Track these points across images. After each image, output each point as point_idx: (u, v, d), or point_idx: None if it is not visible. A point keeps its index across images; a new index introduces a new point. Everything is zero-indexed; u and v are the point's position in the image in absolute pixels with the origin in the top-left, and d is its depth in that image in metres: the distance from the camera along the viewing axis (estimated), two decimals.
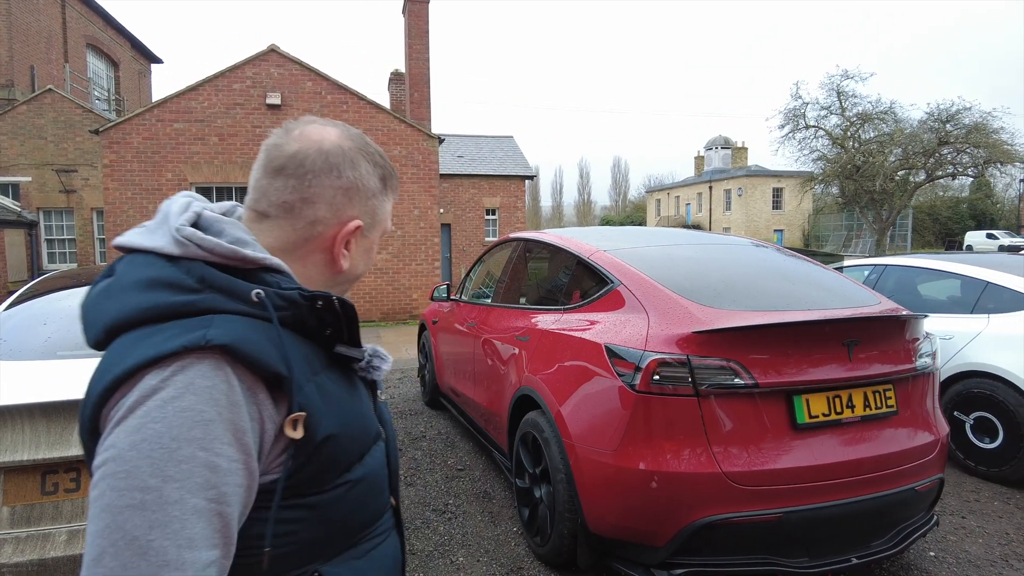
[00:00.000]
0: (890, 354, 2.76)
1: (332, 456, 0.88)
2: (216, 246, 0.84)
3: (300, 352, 0.87)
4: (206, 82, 12.36)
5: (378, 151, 1.01)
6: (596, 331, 2.93)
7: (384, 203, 1.02)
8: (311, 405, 0.84)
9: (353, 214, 0.95)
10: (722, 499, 2.44)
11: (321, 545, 0.90)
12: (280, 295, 0.85)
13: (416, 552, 3.29)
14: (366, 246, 1.01)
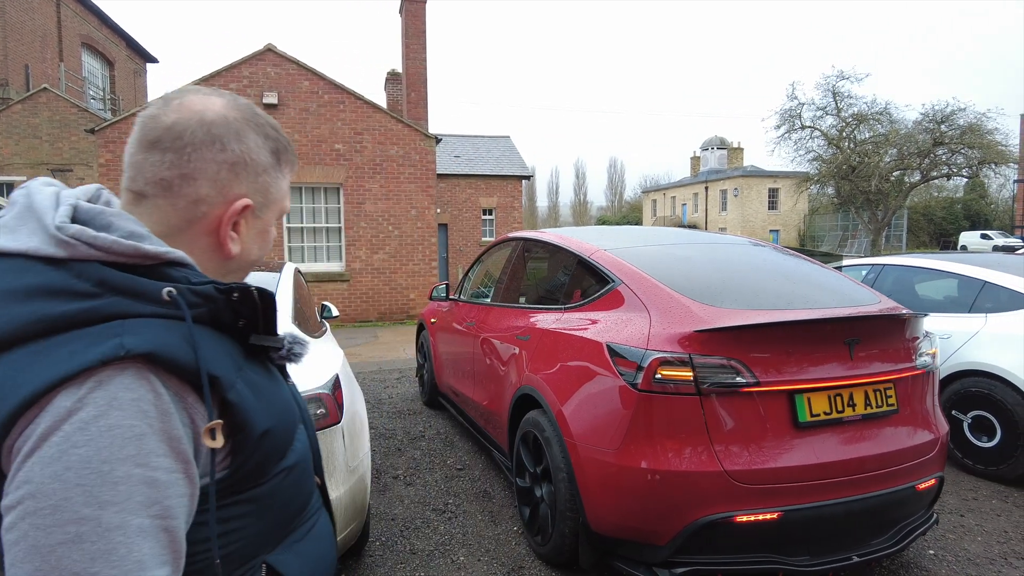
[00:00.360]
0: (890, 353, 2.77)
1: (270, 448, 0.85)
2: (113, 244, 0.75)
3: (222, 349, 0.82)
4: (202, 82, 12.30)
5: (270, 122, 0.92)
6: (597, 330, 2.93)
7: (278, 179, 0.93)
8: (245, 402, 0.81)
9: (241, 192, 0.87)
10: (724, 498, 2.44)
11: (265, 536, 0.88)
12: (194, 291, 0.78)
13: (417, 552, 3.28)
14: (259, 228, 0.92)
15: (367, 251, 13.21)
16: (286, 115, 12.58)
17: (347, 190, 12.97)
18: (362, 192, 13.08)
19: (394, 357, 9.08)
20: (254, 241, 0.92)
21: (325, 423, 2.52)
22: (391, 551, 3.29)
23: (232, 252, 0.88)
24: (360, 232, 13.14)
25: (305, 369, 2.61)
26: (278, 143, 0.93)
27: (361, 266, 13.19)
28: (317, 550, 0.99)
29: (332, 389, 2.61)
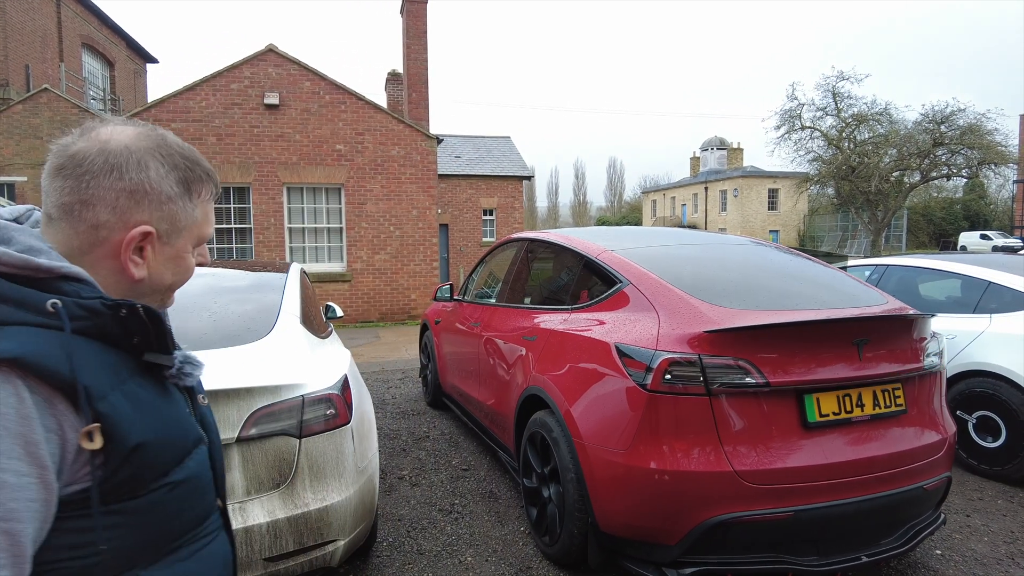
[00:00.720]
0: (898, 353, 2.77)
1: (146, 462, 0.87)
2: (3, 255, 0.81)
3: (103, 361, 0.85)
4: (203, 82, 12.32)
5: (183, 153, 0.95)
6: (605, 330, 2.93)
7: (187, 208, 0.96)
8: (117, 414, 0.83)
9: (142, 219, 0.90)
10: (734, 498, 2.44)
11: (141, 550, 0.89)
12: (80, 305, 0.83)
13: (424, 552, 3.28)
14: (170, 254, 0.95)
15: (368, 251, 13.21)
16: (287, 115, 12.58)
17: (348, 190, 12.97)
18: (363, 192, 13.08)
19: (396, 357, 9.08)
20: (164, 267, 0.95)
21: (335, 423, 2.52)
22: (398, 551, 3.30)
23: (136, 276, 0.92)
24: (361, 232, 13.14)
25: (315, 369, 2.62)
26: (190, 173, 0.95)
27: (362, 266, 13.19)
28: (202, 571, 0.99)
29: (341, 389, 2.61)
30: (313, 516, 2.41)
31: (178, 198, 0.94)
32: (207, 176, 0.99)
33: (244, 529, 2.28)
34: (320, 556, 2.49)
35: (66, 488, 0.80)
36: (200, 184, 0.98)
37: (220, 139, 12.38)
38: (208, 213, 1.01)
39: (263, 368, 2.48)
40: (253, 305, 3.00)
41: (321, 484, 2.46)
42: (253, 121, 12.50)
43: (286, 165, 12.65)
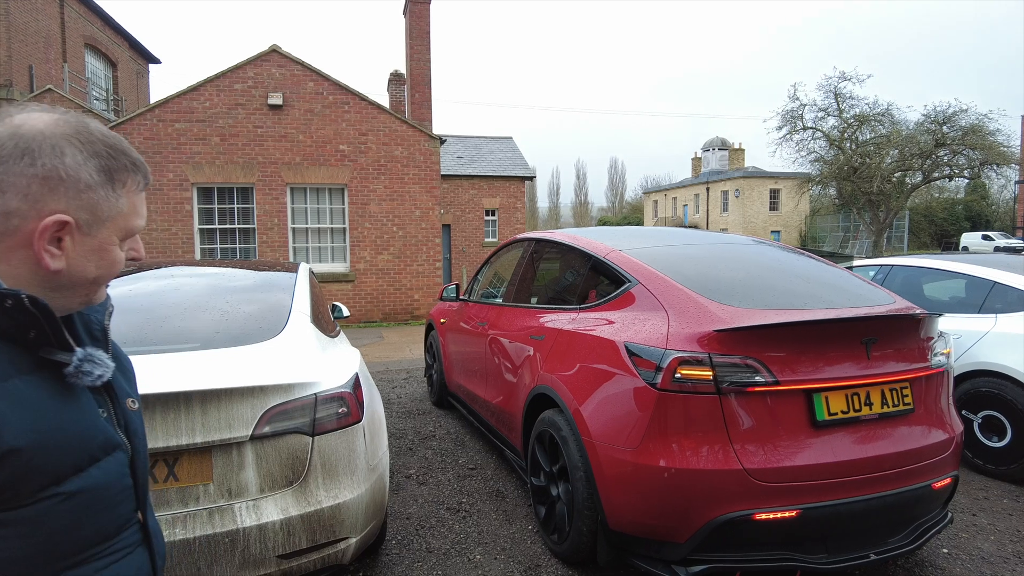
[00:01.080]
0: (906, 352, 2.78)
1: (26, 467, 0.81)
2: None
3: None
4: (207, 82, 12.34)
5: (105, 141, 0.90)
6: (615, 330, 2.94)
7: (110, 198, 0.90)
8: None
9: (57, 207, 0.85)
10: (743, 496, 2.46)
11: (31, 565, 0.84)
12: None
13: (433, 550, 3.30)
14: (92, 246, 0.90)
15: (372, 252, 13.23)
16: (291, 116, 12.61)
17: (352, 191, 12.99)
18: (367, 193, 13.10)
19: (400, 357, 9.10)
20: (86, 259, 0.90)
21: (347, 422, 2.54)
22: (408, 549, 3.31)
23: (52, 267, 0.87)
24: (364, 233, 13.16)
25: (327, 368, 2.63)
26: (113, 161, 0.90)
27: (365, 266, 13.21)
28: None
29: (353, 388, 2.63)
30: (326, 514, 2.43)
31: (99, 187, 0.89)
32: (133, 166, 0.94)
33: (258, 527, 2.30)
34: (332, 554, 2.50)
35: None
36: (125, 173, 0.92)
37: (224, 139, 12.40)
38: (137, 205, 0.95)
39: (276, 367, 2.49)
40: (264, 304, 3.02)
41: (334, 482, 2.48)
42: (257, 121, 12.53)
43: (290, 165, 12.67)
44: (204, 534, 2.23)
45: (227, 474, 2.31)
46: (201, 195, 12.48)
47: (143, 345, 2.53)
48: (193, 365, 2.41)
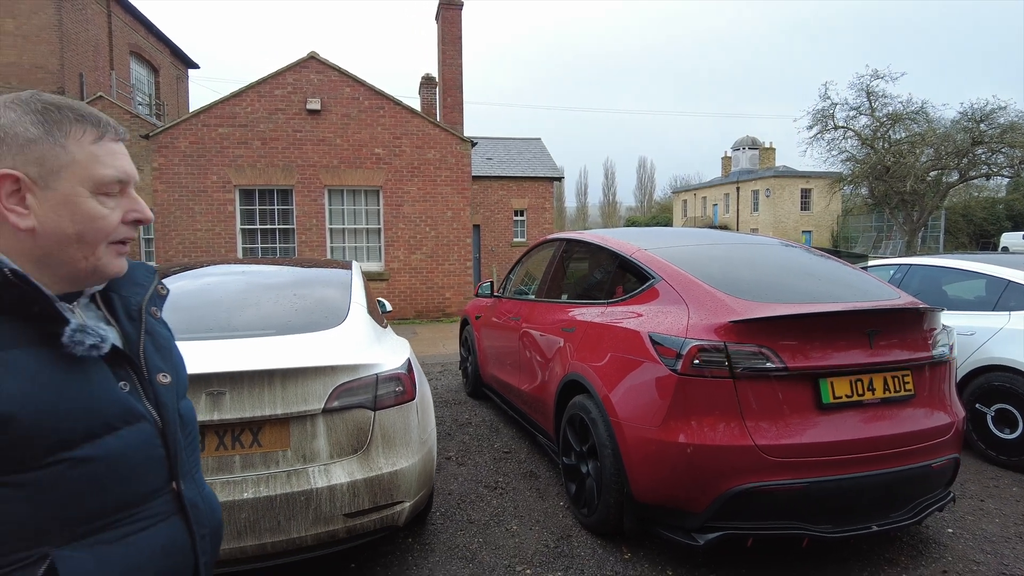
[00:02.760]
0: (908, 343, 3.04)
1: (22, 433, 0.85)
2: None
3: None
4: (249, 88, 12.90)
5: (44, 100, 0.95)
6: (640, 322, 3.25)
7: (56, 149, 0.93)
8: None
9: (5, 165, 0.90)
10: (755, 469, 2.75)
11: (47, 525, 0.88)
12: None
13: (474, 521, 3.65)
14: (58, 200, 0.93)
15: (405, 251, 13.67)
16: (329, 120, 13.11)
17: (386, 192, 13.45)
18: (400, 194, 13.54)
19: (435, 352, 9.49)
20: (57, 213, 0.93)
21: (403, 399, 2.90)
22: (451, 520, 3.66)
23: (21, 226, 0.92)
24: (398, 233, 13.61)
25: (384, 352, 3.00)
26: (52, 114, 0.94)
27: (399, 266, 13.66)
28: (135, 559, 0.97)
29: (407, 370, 2.99)
30: (385, 478, 2.79)
31: (40, 140, 0.92)
32: (79, 117, 0.96)
33: (328, 488, 2.66)
34: (389, 515, 2.86)
35: None
36: (67, 124, 0.95)
37: (265, 143, 12.95)
38: (98, 154, 0.97)
39: (342, 350, 2.86)
40: (326, 297, 3.40)
41: (392, 451, 2.84)
42: (296, 126, 13.05)
43: (327, 168, 13.17)
44: (284, 492, 2.60)
45: (302, 441, 2.68)
46: (243, 197, 13.05)
47: (228, 331, 2.93)
48: (273, 348, 2.79)
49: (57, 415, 0.89)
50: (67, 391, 0.91)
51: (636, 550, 3.28)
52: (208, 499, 1.16)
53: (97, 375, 0.96)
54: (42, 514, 0.88)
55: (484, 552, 3.30)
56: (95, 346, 0.95)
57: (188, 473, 1.10)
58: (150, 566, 0.99)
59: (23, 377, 0.87)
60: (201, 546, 1.09)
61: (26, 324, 0.91)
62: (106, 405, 0.96)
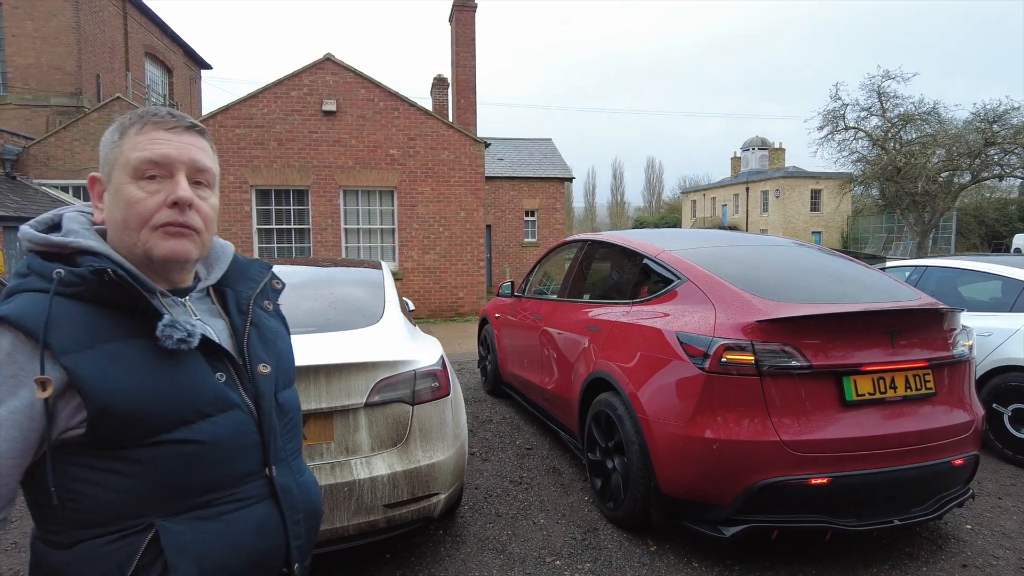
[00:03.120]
0: (929, 342, 3.12)
1: (128, 415, 0.95)
2: (33, 237, 1.03)
3: (83, 322, 0.97)
4: (266, 90, 13.07)
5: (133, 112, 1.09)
6: (667, 321, 3.35)
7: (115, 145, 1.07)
8: (81, 369, 0.94)
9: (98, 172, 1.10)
10: (780, 464, 2.84)
11: (152, 498, 0.98)
12: (74, 272, 0.97)
13: (502, 515, 3.75)
14: (112, 192, 1.05)
15: (419, 251, 13.81)
16: (344, 121, 13.25)
17: (400, 193, 13.59)
18: (414, 195, 13.68)
19: (450, 352, 9.60)
20: (112, 202, 1.05)
21: (439, 395, 3.01)
22: (479, 514, 3.77)
23: (95, 219, 1.09)
24: (412, 233, 13.74)
25: (420, 349, 3.11)
26: (124, 121, 1.08)
27: (413, 265, 13.79)
28: (229, 535, 1.04)
29: (442, 366, 3.10)
30: (423, 471, 2.90)
31: (113, 144, 1.06)
32: (139, 117, 1.07)
33: (370, 479, 2.78)
34: (426, 506, 2.97)
35: (67, 432, 0.94)
36: (131, 125, 1.06)
37: (281, 144, 13.11)
38: (137, 142, 1.05)
39: (381, 347, 2.98)
40: (362, 296, 3.52)
41: (429, 444, 2.95)
42: (312, 127, 13.21)
43: (342, 169, 13.32)
44: (328, 483, 2.71)
45: (345, 435, 2.80)
46: (259, 197, 13.21)
47: None
48: (316, 345, 2.90)
49: (154, 402, 0.98)
50: (162, 380, 1.00)
51: (662, 543, 3.38)
52: (305, 485, 1.21)
53: (192, 366, 1.04)
54: (147, 488, 0.98)
55: (514, 544, 3.40)
56: (183, 340, 1.02)
57: (284, 459, 1.16)
58: (243, 544, 1.06)
59: (126, 366, 0.97)
60: (294, 530, 1.14)
61: (131, 318, 1.00)
62: (198, 394, 1.03)
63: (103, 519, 0.97)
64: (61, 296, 0.96)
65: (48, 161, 16.67)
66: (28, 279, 0.99)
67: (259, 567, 1.09)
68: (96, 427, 0.94)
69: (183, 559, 0.98)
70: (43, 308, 0.93)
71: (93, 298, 0.98)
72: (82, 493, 0.96)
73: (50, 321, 0.93)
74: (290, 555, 1.14)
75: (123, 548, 0.96)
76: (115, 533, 0.97)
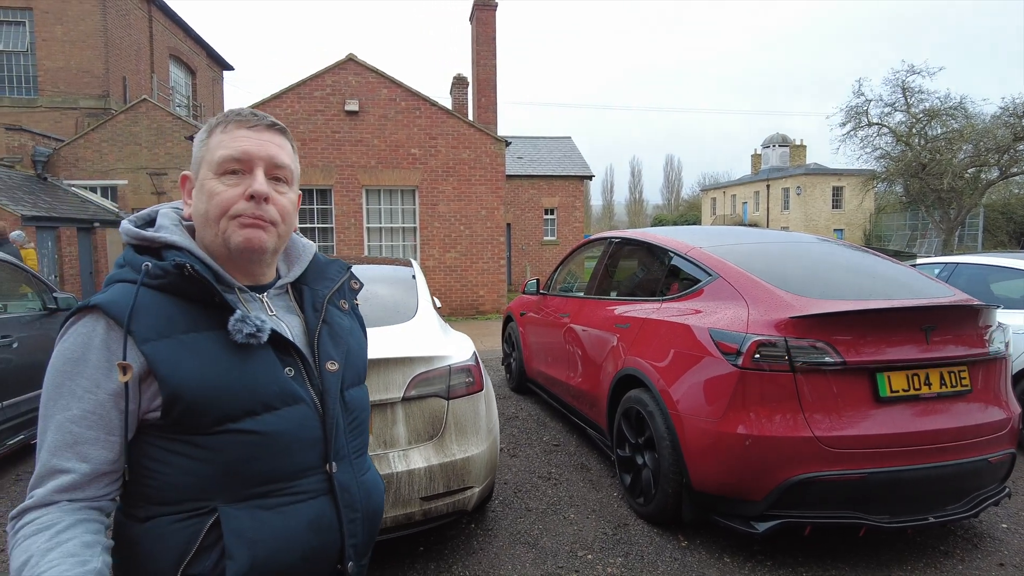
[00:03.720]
0: (964, 339, 3.10)
1: (194, 404, 1.01)
2: (128, 231, 1.11)
3: (165, 312, 1.03)
4: (289, 90, 13.22)
5: (220, 114, 1.16)
6: (699, 318, 3.36)
7: (202, 145, 1.13)
8: (158, 356, 1.00)
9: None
10: (814, 459, 2.84)
11: (217, 484, 1.03)
12: (159, 266, 1.04)
13: (532, 509, 3.79)
14: (198, 186, 1.12)
15: (440, 250, 13.89)
16: (366, 121, 13.36)
17: (422, 192, 13.68)
18: (436, 194, 13.76)
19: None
20: (198, 197, 1.12)
21: (473, 390, 3.05)
22: (510, 508, 3.81)
23: (184, 214, 1.17)
24: (434, 232, 13.83)
25: (454, 345, 3.16)
26: (212, 123, 1.14)
27: (434, 264, 13.88)
28: (284, 527, 1.06)
29: (476, 362, 3.14)
30: (458, 464, 2.94)
31: (199, 142, 1.14)
32: (224, 117, 1.14)
33: (407, 472, 2.83)
34: (461, 499, 3.02)
35: (147, 415, 1.02)
36: (217, 125, 1.13)
37: (304, 144, 13.25)
38: (221, 140, 1.11)
39: (417, 342, 3.03)
40: (396, 292, 3.58)
41: (463, 438, 3.00)
42: (335, 127, 13.34)
43: (365, 168, 13.44)
44: None
45: (383, 428, 2.85)
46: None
47: None
48: None
49: (222, 391, 1.02)
50: (231, 372, 1.04)
51: (693, 538, 3.39)
52: (366, 485, 1.22)
53: (261, 359, 1.08)
54: (213, 473, 1.02)
55: (545, 538, 3.44)
56: (252, 335, 1.06)
57: (346, 457, 1.17)
58: (298, 538, 1.07)
59: (200, 357, 1.02)
60: (350, 528, 1.15)
61: (208, 311, 1.06)
62: (265, 387, 1.07)
63: (172, 498, 1.02)
64: (147, 287, 1.03)
65: (77, 162, 17.03)
66: (123, 270, 1.07)
67: (311, 562, 1.10)
68: (168, 411, 1.00)
69: (239, 545, 1.01)
70: (130, 298, 1.00)
71: (175, 290, 1.04)
72: (156, 472, 1.02)
73: (135, 310, 0.99)
74: (344, 553, 1.14)
75: (188, 528, 1.01)
76: (182, 513, 1.02)
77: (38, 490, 0.97)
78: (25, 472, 4.64)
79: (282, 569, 1.06)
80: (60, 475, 0.96)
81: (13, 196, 13.12)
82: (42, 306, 5.20)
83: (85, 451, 0.97)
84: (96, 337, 0.99)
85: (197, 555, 1.01)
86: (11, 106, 18.81)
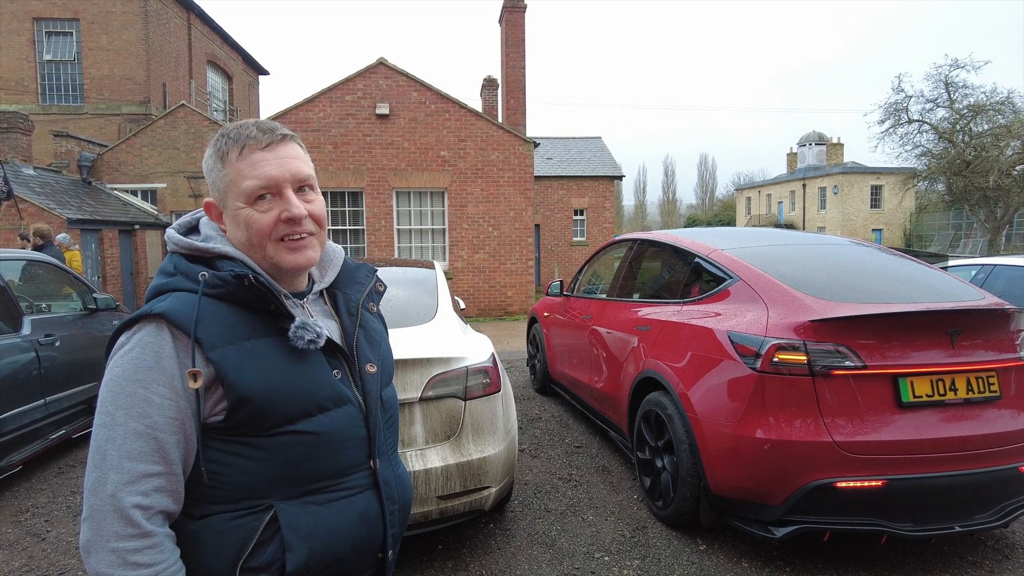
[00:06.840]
0: (993, 344, 3.02)
1: (260, 406, 1.05)
2: (178, 241, 1.14)
3: (227, 320, 1.07)
4: (321, 94, 13.46)
5: (224, 132, 1.15)
6: (718, 321, 3.34)
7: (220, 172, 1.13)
8: (225, 362, 1.03)
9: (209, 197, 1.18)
10: (833, 465, 2.81)
11: (273, 482, 1.08)
12: (217, 276, 1.07)
13: (551, 511, 3.81)
14: (230, 215, 1.13)
15: (468, 251, 13.98)
16: (397, 124, 13.53)
17: (451, 194, 13.79)
18: (465, 195, 13.86)
19: (499, 350, 9.70)
20: (233, 224, 1.13)
21: (490, 391, 3.09)
22: (529, 509, 3.84)
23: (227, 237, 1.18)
24: (462, 233, 13.93)
25: (472, 346, 3.20)
26: (221, 145, 1.13)
27: (463, 265, 13.98)
28: (334, 522, 1.12)
29: (493, 363, 3.18)
30: (475, 464, 2.98)
31: (215, 169, 1.13)
32: (232, 140, 1.12)
33: (424, 471, 2.88)
34: (478, 499, 3.06)
35: (209, 419, 1.05)
36: (228, 150, 1.12)
37: (336, 147, 13.49)
38: (241, 169, 1.11)
39: (436, 343, 3.08)
40: (416, 294, 3.64)
41: (480, 439, 3.04)
42: (366, 130, 13.54)
43: (395, 171, 13.61)
44: None
45: (401, 428, 2.91)
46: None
47: None
48: None
49: (283, 394, 1.07)
50: (291, 376, 1.09)
51: (711, 542, 3.38)
52: (400, 478, 1.29)
53: (315, 363, 1.14)
54: (271, 472, 1.07)
55: (563, 539, 3.46)
56: (312, 340, 1.12)
57: (385, 452, 1.23)
58: (348, 530, 1.14)
59: (262, 362, 1.07)
60: (391, 519, 1.22)
61: (264, 318, 1.11)
62: (320, 389, 1.12)
63: (231, 497, 1.06)
64: (207, 296, 1.07)
65: (119, 166, 17.59)
66: (175, 279, 1.10)
67: (359, 552, 1.17)
68: (232, 415, 1.04)
69: (297, 539, 1.07)
70: (193, 307, 1.04)
71: (233, 299, 1.08)
72: (215, 473, 1.06)
73: (199, 319, 1.04)
74: (386, 542, 1.22)
75: (246, 524, 1.06)
76: (240, 510, 1.06)
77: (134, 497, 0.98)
78: (67, 465, 4.83)
79: (335, 559, 1.12)
80: (149, 479, 0.99)
81: (60, 200, 13.62)
82: (82, 306, 5.42)
83: (168, 454, 1.01)
84: (166, 345, 1.02)
85: (255, 550, 1.06)
86: (59, 113, 19.56)
